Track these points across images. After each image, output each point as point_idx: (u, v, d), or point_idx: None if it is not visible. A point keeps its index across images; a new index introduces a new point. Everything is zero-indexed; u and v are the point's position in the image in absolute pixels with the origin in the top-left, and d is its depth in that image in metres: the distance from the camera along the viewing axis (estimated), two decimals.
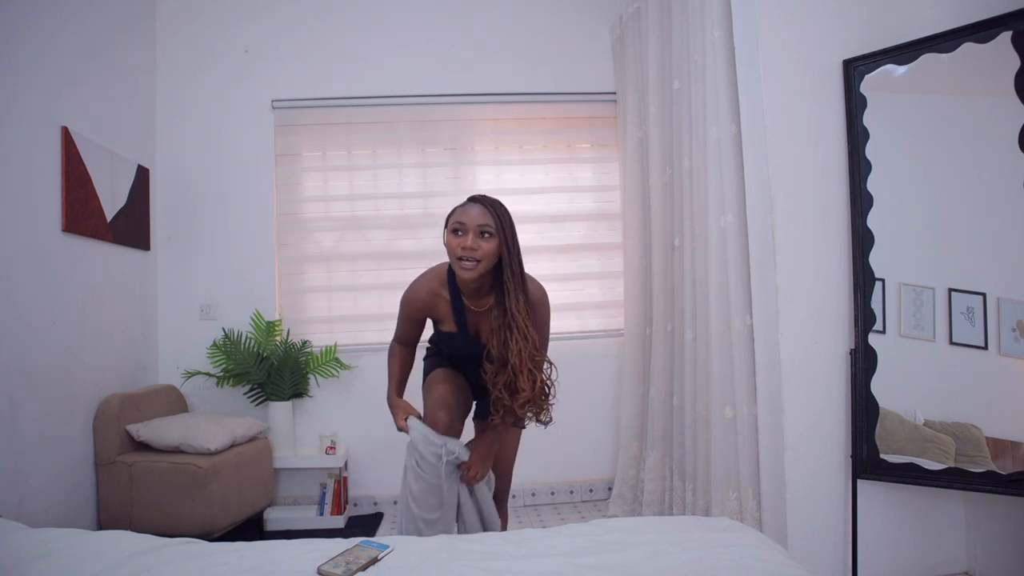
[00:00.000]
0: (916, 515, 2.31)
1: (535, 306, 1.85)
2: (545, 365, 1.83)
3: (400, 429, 1.93)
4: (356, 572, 1.31)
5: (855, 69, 2.26)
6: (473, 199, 1.79)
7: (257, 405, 3.33)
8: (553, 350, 1.96)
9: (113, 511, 2.63)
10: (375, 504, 3.45)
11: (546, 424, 1.88)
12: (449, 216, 1.80)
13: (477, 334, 1.90)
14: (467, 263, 1.71)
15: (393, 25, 3.62)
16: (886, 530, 2.29)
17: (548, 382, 1.83)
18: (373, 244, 3.58)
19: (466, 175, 3.65)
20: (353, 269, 3.57)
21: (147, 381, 3.23)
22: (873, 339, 2.20)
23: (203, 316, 3.44)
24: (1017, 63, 1.94)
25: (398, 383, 2.04)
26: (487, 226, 1.71)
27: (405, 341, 2.04)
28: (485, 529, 2.02)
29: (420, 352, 2.18)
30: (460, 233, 1.73)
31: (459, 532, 2.04)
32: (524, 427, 1.99)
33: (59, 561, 1.34)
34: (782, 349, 2.24)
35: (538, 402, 1.80)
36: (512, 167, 3.69)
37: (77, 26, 2.75)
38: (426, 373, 2.12)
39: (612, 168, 3.72)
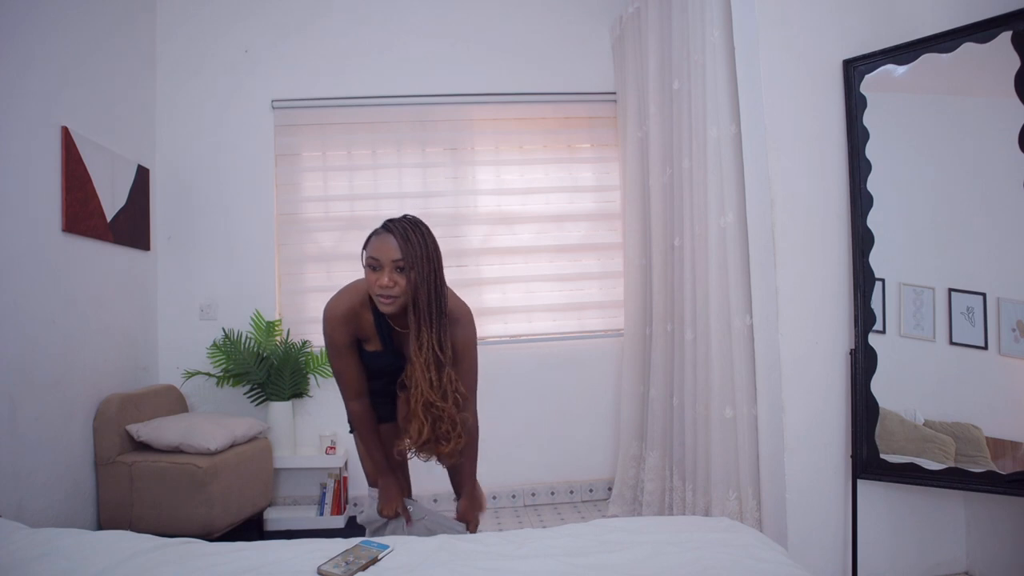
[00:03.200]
0: (916, 515, 2.31)
1: (455, 324, 1.72)
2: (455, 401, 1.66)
3: (392, 516, 1.81)
4: (356, 572, 1.31)
5: (855, 69, 2.26)
6: (388, 228, 1.65)
7: (257, 405, 3.33)
8: (553, 350, 1.93)
9: (113, 511, 2.63)
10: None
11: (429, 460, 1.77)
12: (366, 243, 1.68)
13: (402, 348, 1.77)
14: (385, 300, 1.63)
15: (393, 25, 3.62)
16: (886, 530, 2.29)
17: (450, 428, 1.66)
18: None
19: (466, 175, 3.65)
20: (353, 269, 3.54)
21: (147, 381, 3.23)
22: (873, 339, 2.20)
23: (203, 316, 3.44)
24: (1017, 63, 1.94)
25: (384, 461, 1.83)
26: (400, 261, 1.61)
27: (359, 390, 1.81)
28: None
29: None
30: (376, 268, 1.63)
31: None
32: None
33: (59, 561, 1.34)
34: (782, 349, 2.24)
35: (428, 449, 1.68)
36: (512, 167, 3.69)
37: (77, 26, 2.75)
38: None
39: (612, 168, 3.72)
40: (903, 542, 2.31)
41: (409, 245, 1.62)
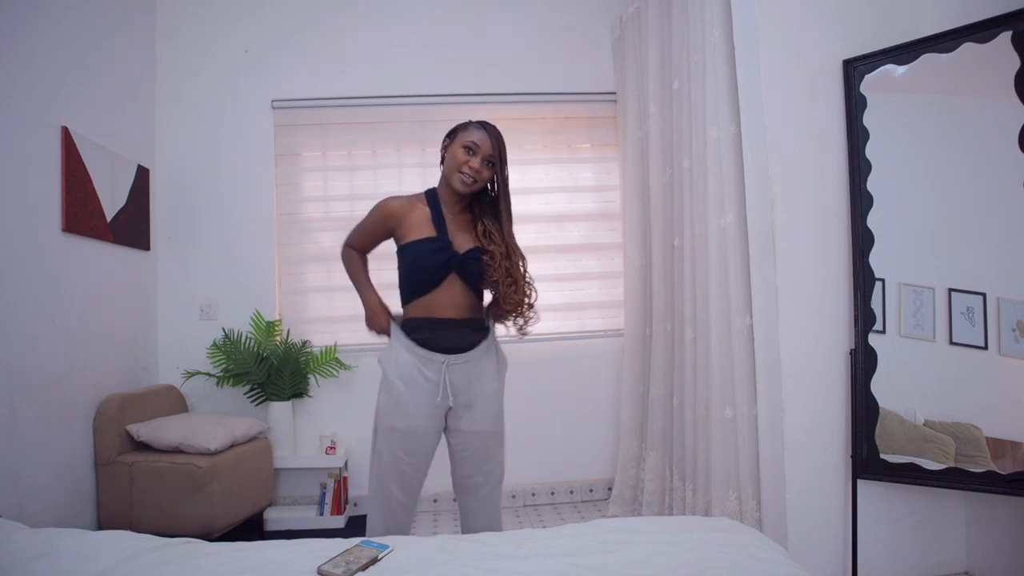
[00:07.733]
0: (916, 515, 2.31)
1: None
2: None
3: (381, 331, 2.06)
4: (356, 572, 1.31)
5: (855, 69, 2.26)
6: (484, 126, 1.94)
7: (257, 405, 3.33)
8: (553, 350, 1.96)
9: (113, 511, 2.63)
10: None
11: (523, 334, 2.09)
12: (457, 130, 1.96)
13: (454, 237, 1.97)
14: (468, 179, 1.90)
15: (393, 25, 3.62)
16: (886, 530, 2.29)
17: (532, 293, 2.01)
18: None
19: None
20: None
21: (147, 381, 3.23)
22: (873, 339, 2.20)
23: (203, 316, 3.44)
24: (1017, 63, 1.94)
25: (369, 283, 2.12)
26: (492, 157, 1.92)
27: (360, 248, 2.11)
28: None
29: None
30: (471, 153, 1.90)
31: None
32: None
33: (59, 561, 1.34)
34: (782, 349, 2.24)
35: (527, 312, 2.03)
36: (512, 167, 3.64)
37: (77, 26, 2.75)
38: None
39: (612, 168, 3.72)
40: (903, 542, 2.31)
41: (500, 145, 1.94)
